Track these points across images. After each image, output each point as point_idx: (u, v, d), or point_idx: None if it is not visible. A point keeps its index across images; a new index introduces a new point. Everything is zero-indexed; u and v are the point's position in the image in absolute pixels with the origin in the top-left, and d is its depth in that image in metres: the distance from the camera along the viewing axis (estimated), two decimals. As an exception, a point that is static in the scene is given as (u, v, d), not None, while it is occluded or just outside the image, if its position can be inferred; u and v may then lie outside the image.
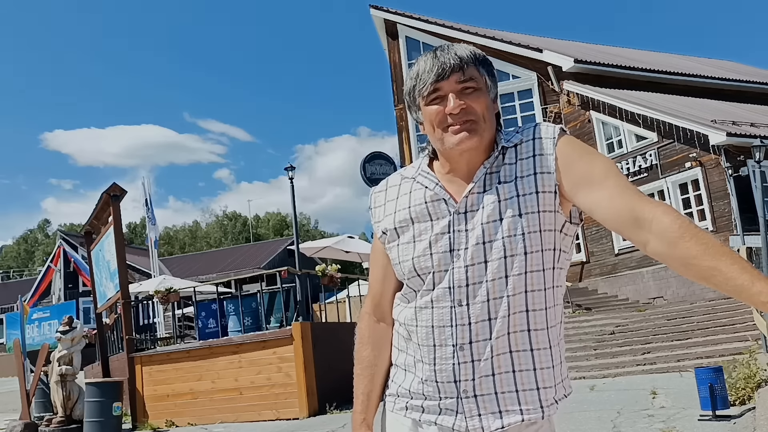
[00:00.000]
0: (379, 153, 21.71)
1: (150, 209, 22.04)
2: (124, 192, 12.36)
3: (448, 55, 1.45)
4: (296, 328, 10.45)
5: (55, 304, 31.71)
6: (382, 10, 25.29)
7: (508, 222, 1.41)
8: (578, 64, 20.99)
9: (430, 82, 1.44)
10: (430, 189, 1.50)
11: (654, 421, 6.72)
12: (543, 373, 1.44)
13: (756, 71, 28.68)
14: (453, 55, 1.44)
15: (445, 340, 1.43)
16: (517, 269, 1.41)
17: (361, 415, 1.61)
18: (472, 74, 1.44)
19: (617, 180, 1.39)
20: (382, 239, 1.57)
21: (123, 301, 11.77)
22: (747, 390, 7.17)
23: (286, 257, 36.77)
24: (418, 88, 1.47)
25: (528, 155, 1.46)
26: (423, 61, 1.48)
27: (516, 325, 1.42)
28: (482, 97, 1.45)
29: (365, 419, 1.61)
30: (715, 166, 17.00)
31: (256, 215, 70.29)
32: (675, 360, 10.98)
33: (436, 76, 1.43)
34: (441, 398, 1.45)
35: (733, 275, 1.20)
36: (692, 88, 22.17)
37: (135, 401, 11.45)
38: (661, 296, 17.92)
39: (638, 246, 1.36)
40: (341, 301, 13.83)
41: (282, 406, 10.32)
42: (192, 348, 11.50)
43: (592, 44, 29.00)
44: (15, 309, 30.99)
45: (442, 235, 1.45)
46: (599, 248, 20.30)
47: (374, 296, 1.63)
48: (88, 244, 14.79)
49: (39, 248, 68.08)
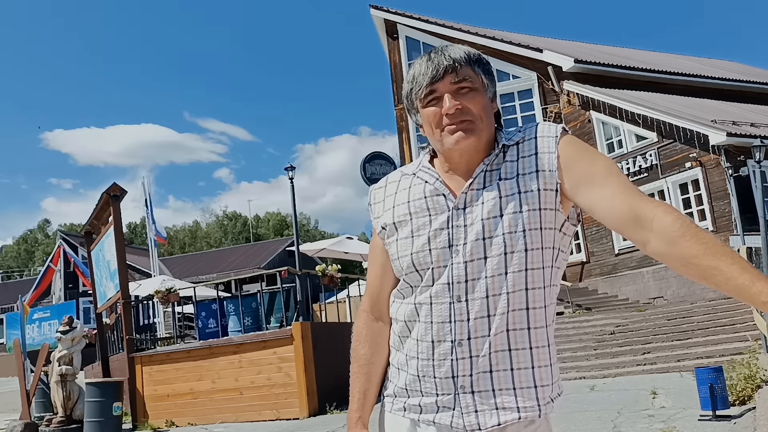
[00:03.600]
0: (379, 153, 21.72)
1: (150, 210, 22.07)
2: (124, 192, 12.36)
3: (442, 56, 1.46)
4: (296, 328, 10.46)
5: (55, 304, 31.75)
6: (382, 10, 25.30)
7: (509, 218, 1.41)
8: (578, 64, 20.99)
9: (425, 85, 1.46)
10: (429, 183, 1.50)
11: (654, 421, 6.72)
12: (541, 371, 1.44)
13: (756, 71, 28.68)
14: (446, 57, 1.46)
15: (443, 336, 1.43)
16: (516, 266, 1.41)
17: (356, 414, 1.61)
18: (466, 74, 1.45)
19: (618, 179, 1.40)
20: (381, 235, 1.57)
21: (123, 301, 11.78)
22: (747, 390, 7.17)
23: (286, 257, 36.77)
24: (415, 91, 1.49)
25: (530, 153, 1.46)
26: (418, 65, 1.49)
27: (515, 322, 1.42)
28: (478, 96, 1.46)
29: (360, 417, 1.60)
30: (715, 166, 17.00)
31: (256, 215, 70.38)
32: (675, 360, 10.98)
33: (431, 78, 1.45)
34: (438, 395, 1.45)
35: (733, 275, 1.20)
36: (692, 88, 22.17)
37: (135, 401, 11.45)
38: (661, 296, 17.92)
39: (638, 245, 1.36)
40: (341, 301, 13.83)
41: (282, 406, 10.32)
42: (192, 348, 11.50)
43: (592, 44, 29.01)
44: (15, 309, 31.01)
45: (441, 231, 1.45)
46: (599, 248, 20.30)
47: (372, 293, 1.63)
48: (88, 244, 14.79)
49: (39, 248, 68.06)
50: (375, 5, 25.42)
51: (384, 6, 25.35)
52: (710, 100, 21.32)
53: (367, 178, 20.05)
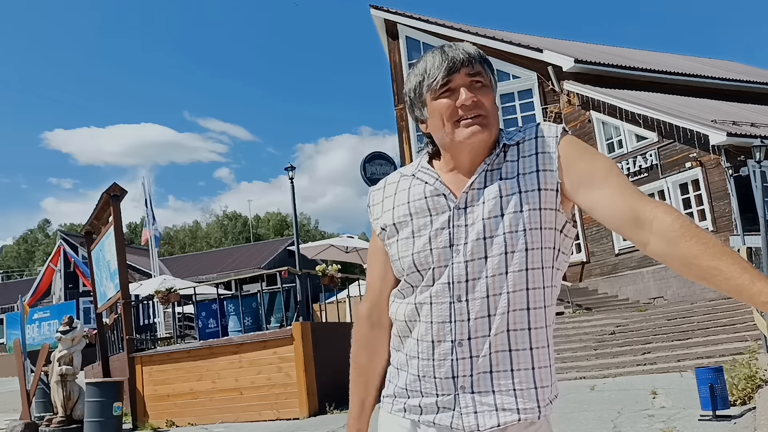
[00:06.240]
0: (380, 153, 21.69)
1: (150, 209, 22.08)
2: (125, 192, 12.37)
3: (457, 50, 1.47)
4: (296, 328, 10.46)
5: (55, 304, 31.73)
6: (382, 10, 25.30)
7: (509, 218, 1.41)
8: (578, 64, 20.99)
9: (441, 76, 1.45)
10: (429, 184, 1.50)
11: (654, 421, 6.72)
12: (541, 372, 1.44)
13: (756, 71, 28.68)
14: (462, 51, 1.47)
15: (444, 336, 1.43)
16: (517, 265, 1.40)
17: (356, 422, 1.63)
18: (479, 70, 1.47)
19: (618, 180, 1.40)
20: (381, 236, 1.57)
21: (123, 301, 11.78)
22: (747, 390, 7.17)
23: (286, 257, 36.78)
24: (427, 83, 1.48)
25: (530, 153, 1.46)
26: (431, 57, 1.49)
27: (516, 322, 1.41)
28: (490, 93, 1.48)
29: (359, 430, 1.63)
30: (715, 166, 17.00)
31: (256, 215, 70.35)
32: (675, 360, 10.98)
33: (447, 69, 1.45)
34: (439, 395, 1.44)
35: (733, 275, 1.20)
36: (692, 88, 22.17)
37: (135, 401, 11.46)
38: (661, 296, 17.92)
39: (638, 246, 1.36)
40: (341, 301, 13.84)
41: (282, 406, 10.32)
42: (192, 348, 11.51)
43: (592, 44, 29.01)
44: (15, 309, 31.01)
45: (442, 230, 1.45)
46: (599, 248, 20.29)
47: (372, 295, 1.62)
48: (88, 244, 14.79)
49: (39, 248, 68.02)
50: (375, 5, 25.41)
51: (384, 6, 25.35)
52: (710, 100, 21.31)
53: (367, 178, 20.03)
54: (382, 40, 26.46)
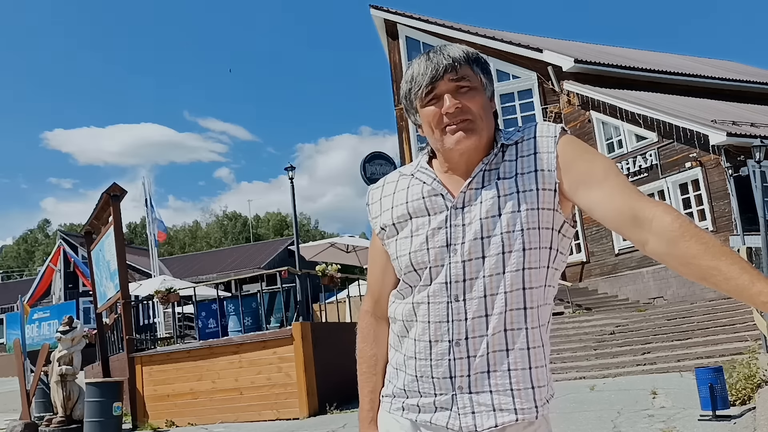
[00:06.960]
0: (380, 153, 21.70)
1: (151, 208, 22.09)
2: (124, 192, 12.36)
3: (441, 55, 1.46)
4: (296, 328, 10.46)
5: (55, 304, 31.72)
6: (382, 10, 25.30)
7: (507, 217, 1.41)
8: (578, 64, 20.98)
9: (425, 84, 1.45)
10: (427, 184, 1.50)
11: (654, 421, 6.72)
12: (538, 371, 1.44)
13: (756, 71, 28.67)
14: (445, 56, 1.45)
15: (441, 336, 1.43)
16: (514, 265, 1.40)
17: (369, 414, 1.61)
18: (465, 73, 1.45)
19: (617, 179, 1.40)
20: (381, 235, 1.57)
21: (123, 301, 11.77)
22: (747, 390, 7.17)
23: (286, 257, 36.79)
24: (414, 91, 1.48)
25: (529, 153, 1.46)
26: (417, 64, 1.49)
27: (513, 322, 1.41)
28: (478, 96, 1.46)
29: (373, 418, 1.61)
30: (715, 166, 17.00)
31: (256, 215, 70.45)
32: (675, 360, 10.97)
33: (431, 77, 1.44)
34: (436, 395, 1.44)
35: (733, 275, 1.20)
36: (692, 88, 22.16)
37: (135, 401, 11.45)
38: (661, 296, 17.91)
39: (637, 245, 1.36)
40: (341, 301, 13.83)
41: (282, 406, 10.32)
42: (192, 348, 11.50)
43: (592, 44, 29.00)
44: (15, 309, 31.01)
45: (439, 230, 1.45)
46: (599, 248, 20.29)
47: (373, 293, 1.63)
48: (88, 244, 14.79)
49: (39, 248, 68.07)
50: (375, 5, 25.41)
51: (384, 6, 25.35)
52: (710, 100, 21.31)
53: (367, 177, 20.03)
54: (382, 40, 26.46)
